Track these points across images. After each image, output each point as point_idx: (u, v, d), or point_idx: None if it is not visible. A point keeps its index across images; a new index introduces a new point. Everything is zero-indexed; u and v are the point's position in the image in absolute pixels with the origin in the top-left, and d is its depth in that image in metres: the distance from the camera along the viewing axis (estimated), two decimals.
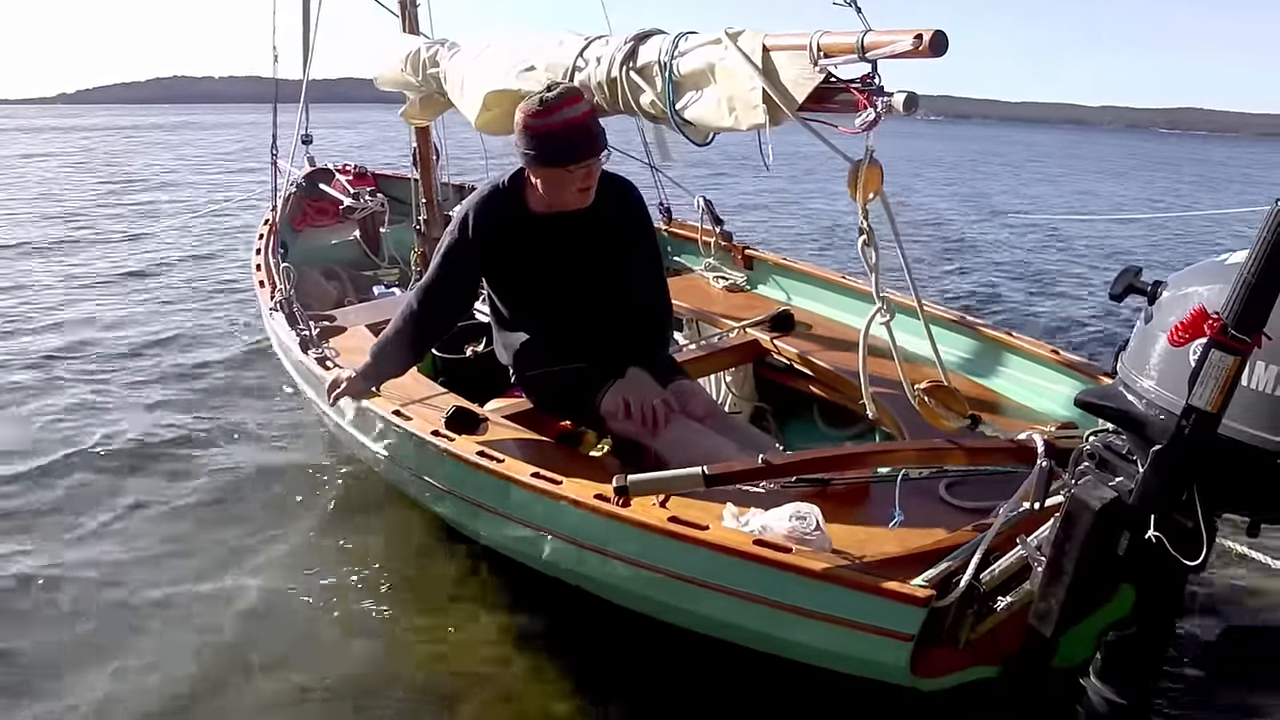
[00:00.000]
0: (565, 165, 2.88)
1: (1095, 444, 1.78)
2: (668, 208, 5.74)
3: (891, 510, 2.43)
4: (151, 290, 8.66)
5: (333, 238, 6.55)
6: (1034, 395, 3.38)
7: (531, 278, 3.13)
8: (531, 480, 2.62)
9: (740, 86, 2.59)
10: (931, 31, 2.11)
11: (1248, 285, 1.31)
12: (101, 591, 3.53)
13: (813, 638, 2.22)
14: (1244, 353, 1.34)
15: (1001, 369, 3.56)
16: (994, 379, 3.54)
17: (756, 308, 4.45)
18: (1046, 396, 3.34)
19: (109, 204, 15.28)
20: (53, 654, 3.15)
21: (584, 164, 2.89)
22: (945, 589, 2.04)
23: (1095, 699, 1.90)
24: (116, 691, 2.96)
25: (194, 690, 2.96)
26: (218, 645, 3.20)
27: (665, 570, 2.40)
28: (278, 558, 3.78)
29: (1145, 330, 1.71)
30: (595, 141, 2.90)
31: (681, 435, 2.94)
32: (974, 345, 3.69)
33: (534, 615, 3.28)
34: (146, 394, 5.71)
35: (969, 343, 3.70)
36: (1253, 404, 1.48)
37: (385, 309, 4.25)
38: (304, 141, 6.26)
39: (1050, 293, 10.04)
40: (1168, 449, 1.48)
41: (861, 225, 2.40)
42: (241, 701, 2.93)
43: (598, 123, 2.97)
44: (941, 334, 3.43)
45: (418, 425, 3.05)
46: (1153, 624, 1.82)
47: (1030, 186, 25.06)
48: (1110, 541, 1.67)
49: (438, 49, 4.31)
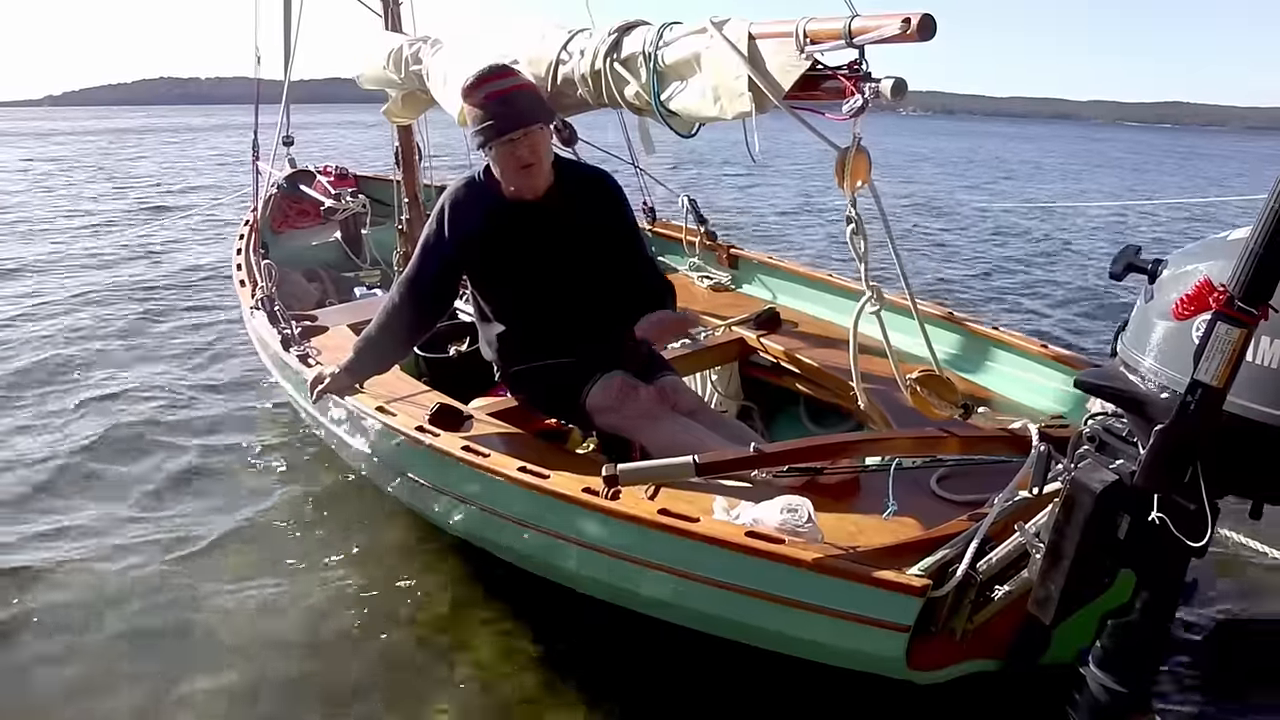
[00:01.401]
0: (499, 138, 2.88)
1: (1095, 427, 1.75)
2: (652, 207, 5.72)
3: (885, 501, 2.40)
4: (134, 295, 8.55)
5: (314, 239, 6.49)
6: (1023, 390, 3.37)
7: (510, 269, 3.09)
8: (518, 474, 2.58)
9: (726, 75, 2.56)
10: (920, 15, 2.08)
11: (1254, 256, 1.28)
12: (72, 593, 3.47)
13: (805, 630, 2.18)
14: (1250, 325, 1.31)
15: (990, 364, 3.55)
16: (982, 374, 3.53)
17: (742, 307, 4.43)
18: (1036, 391, 3.33)
19: (95, 207, 15.16)
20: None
21: (513, 136, 2.88)
22: (942, 578, 2.01)
23: (1095, 687, 1.86)
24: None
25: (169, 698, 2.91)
26: (206, 648, 3.16)
27: (654, 564, 2.36)
28: (249, 559, 3.73)
29: (1145, 309, 1.68)
30: (523, 113, 2.90)
31: (669, 430, 2.91)
32: (962, 341, 3.68)
33: (525, 612, 3.24)
34: (122, 393, 5.62)
35: (957, 339, 3.69)
36: (1258, 379, 1.46)
37: (367, 310, 4.20)
38: (285, 143, 6.21)
39: (1048, 285, 10.08)
40: (1171, 426, 1.45)
41: (849, 214, 2.37)
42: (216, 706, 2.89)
43: (531, 97, 2.99)
44: (930, 329, 3.42)
45: (401, 422, 3.01)
46: (1153, 610, 1.79)
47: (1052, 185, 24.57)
48: (1111, 525, 1.64)
49: (420, 46, 4.26)
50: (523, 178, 2.96)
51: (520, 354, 3.19)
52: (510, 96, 2.92)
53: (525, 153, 2.91)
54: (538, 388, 3.22)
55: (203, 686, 2.94)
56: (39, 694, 2.92)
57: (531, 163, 2.93)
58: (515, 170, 2.94)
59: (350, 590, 3.48)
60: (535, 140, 2.92)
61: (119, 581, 3.56)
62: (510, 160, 2.92)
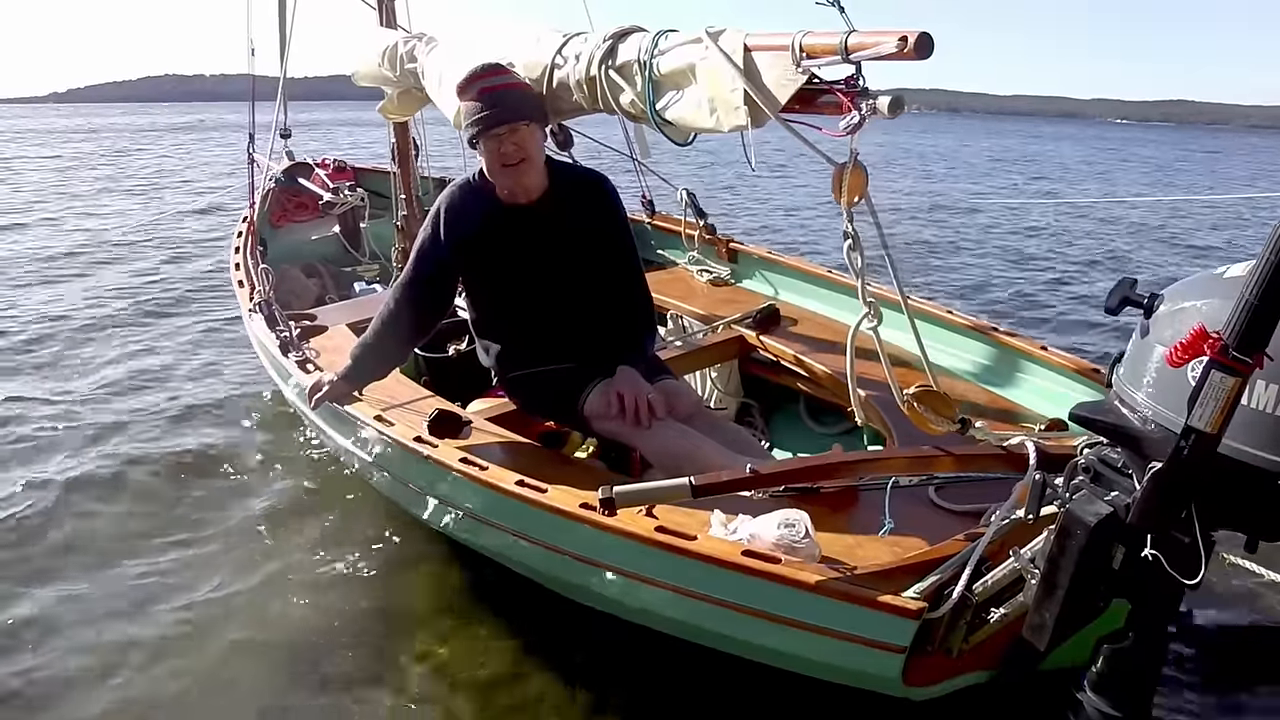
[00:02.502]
0: (485, 134, 2.89)
1: (1090, 457, 1.75)
2: (650, 200, 5.69)
3: (881, 518, 2.41)
4: (129, 293, 8.57)
5: (313, 233, 6.48)
6: (1024, 393, 3.36)
7: (505, 273, 3.09)
8: (515, 489, 2.59)
9: (722, 87, 2.54)
10: (917, 33, 2.05)
11: (1249, 306, 1.27)
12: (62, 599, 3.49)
13: (803, 649, 2.19)
14: (1245, 374, 1.31)
15: (990, 366, 3.54)
16: (983, 376, 3.52)
17: (741, 302, 4.42)
18: (1036, 393, 3.32)
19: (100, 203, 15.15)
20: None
21: (499, 131, 2.87)
22: (938, 601, 2.02)
23: (1090, 711, 1.87)
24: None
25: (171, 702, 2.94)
26: (198, 651, 3.17)
27: (651, 580, 2.37)
28: (244, 560, 3.75)
29: (1141, 344, 1.67)
30: (512, 109, 2.90)
31: (667, 437, 2.91)
32: (963, 342, 3.66)
33: (524, 620, 3.25)
34: (121, 395, 5.64)
35: (957, 339, 3.67)
36: (1253, 423, 1.45)
37: (366, 307, 4.19)
38: (282, 136, 6.18)
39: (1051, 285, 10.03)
40: (1166, 470, 1.45)
41: (846, 229, 2.35)
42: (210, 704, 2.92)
43: (523, 95, 3.00)
44: (929, 330, 3.41)
45: (400, 431, 3.01)
46: (1148, 637, 1.79)
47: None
48: (1105, 557, 1.64)
49: (415, 43, 4.23)
50: (510, 175, 2.96)
51: (516, 360, 3.18)
52: (502, 93, 2.92)
53: (511, 149, 2.90)
54: (535, 393, 3.22)
55: (195, 685, 2.98)
56: (38, 693, 2.95)
57: (519, 160, 2.92)
58: (502, 168, 2.93)
59: (344, 593, 3.49)
60: (523, 137, 2.91)
61: (110, 579, 3.60)
62: (497, 157, 2.91)
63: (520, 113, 2.91)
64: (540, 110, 3.08)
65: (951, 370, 3.51)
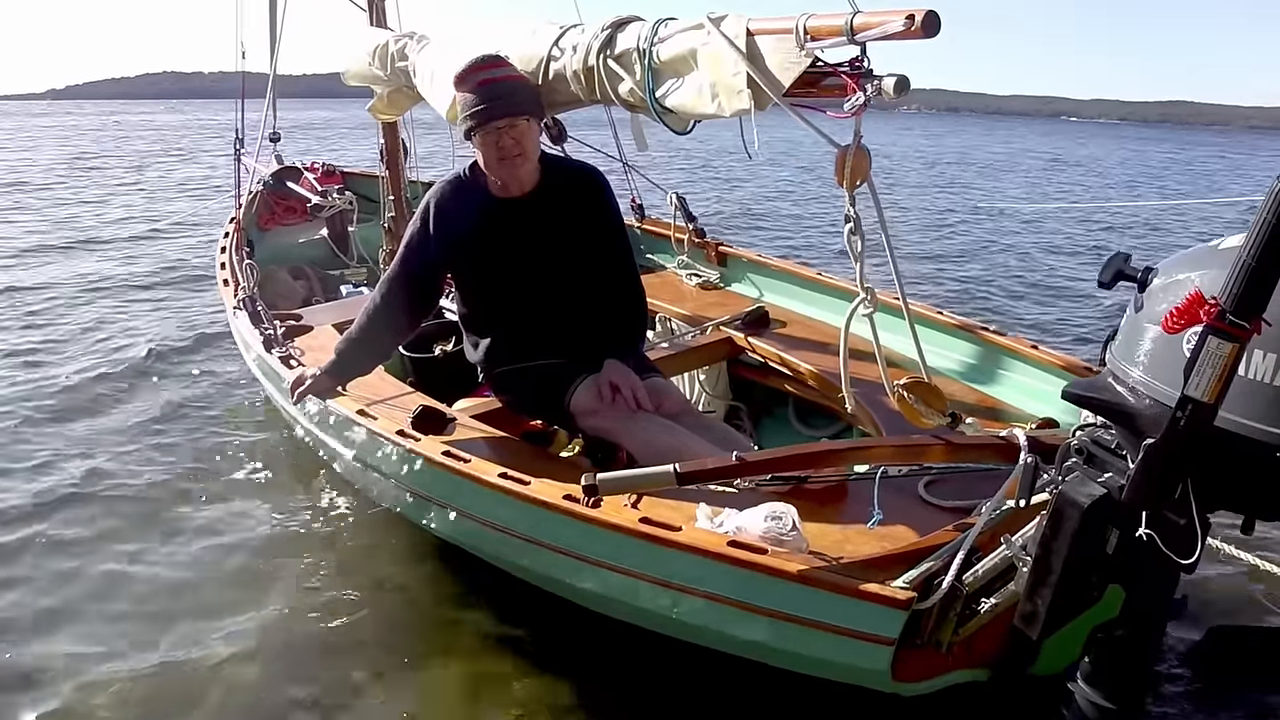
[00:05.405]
0: (483, 126, 2.86)
1: (1083, 439, 1.72)
2: (640, 204, 5.67)
3: (870, 509, 2.36)
4: (116, 291, 8.49)
5: (301, 236, 6.44)
6: (1015, 392, 3.33)
7: (496, 266, 3.06)
8: (498, 481, 2.55)
9: (724, 72, 2.51)
10: (924, 11, 2.03)
11: (1247, 268, 1.24)
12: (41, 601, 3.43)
13: (789, 643, 2.14)
14: (1243, 339, 1.27)
15: (982, 365, 3.51)
16: (974, 375, 3.49)
17: (730, 305, 4.39)
18: (1027, 393, 3.29)
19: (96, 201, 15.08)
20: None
21: (499, 124, 2.85)
22: (927, 591, 1.97)
23: (1083, 703, 1.83)
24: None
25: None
26: (192, 646, 3.13)
27: (635, 572, 2.33)
28: (229, 564, 3.68)
29: (1135, 319, 1.64)
30: (512, 102, 2.88)
31: (654, 432, 2.87)
32: (954, 341, 3.63)
33: (510, 616, 3.20)
34: (104, 396, 5.55)
35: (949, 339, 3.65)
36: (1251, 393, 1.41)
37: (352, 308, 4.14)
38: (271, 139, 6.15)
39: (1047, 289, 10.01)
40: (1161, 443, 1.41)
41: (848, 213, 2.33)
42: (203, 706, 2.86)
43: (522, 88, 2.98)
44: (922, 330, 3.38)
45: (383, 425, 2.97)
46: (1142, 625, 1.76)
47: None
48: (1099, 540, 1.60)
49: (406, 42, 4.20)
50: (505, 168, 2.93)
51: (504, 355, 3.14)
52: (501, 85, 2.90)
53: (509, 143, 2.88)
54: (522, 390, 3.18)
55: (188, 686, 2.92)
56: (36, 692, 2.91)
57: (515, 154, 2.90)
58: (498, 160, 2.91)
59: (332, 592, 3.43)
60: (521, 132, 2.90)
61: (101, 576, 3.55)
62: (494, 149, 2.89)
63: (520, 107, 2.90)
64: (538, 104, 3.06)
65: (942, 370, 3.47)
